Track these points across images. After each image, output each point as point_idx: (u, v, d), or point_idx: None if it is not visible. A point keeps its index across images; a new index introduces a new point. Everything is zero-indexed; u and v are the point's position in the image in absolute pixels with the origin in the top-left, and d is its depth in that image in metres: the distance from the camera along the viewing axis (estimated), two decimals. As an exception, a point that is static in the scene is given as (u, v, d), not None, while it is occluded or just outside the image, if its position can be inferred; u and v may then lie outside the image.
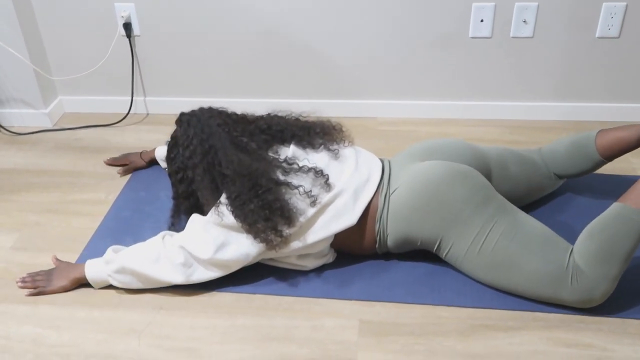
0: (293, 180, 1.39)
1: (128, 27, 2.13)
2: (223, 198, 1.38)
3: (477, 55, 2.10)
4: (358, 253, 1.50)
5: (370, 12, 2.05)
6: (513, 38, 2.05)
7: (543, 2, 1.98)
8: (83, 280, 1.46)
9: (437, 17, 2.04)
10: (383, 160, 1.53)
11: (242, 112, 1.55)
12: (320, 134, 1.52)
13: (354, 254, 1.51)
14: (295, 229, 1.37)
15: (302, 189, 1.38)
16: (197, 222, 1.41)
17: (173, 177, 1.51)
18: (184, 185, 1.48)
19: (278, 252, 1.40)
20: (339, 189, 1.41)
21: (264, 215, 1.33)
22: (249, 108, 1.68)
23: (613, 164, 1.86)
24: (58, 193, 1.85)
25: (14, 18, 2.04)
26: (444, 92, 2.19)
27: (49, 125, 2.25)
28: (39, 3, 2.13)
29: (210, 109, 1.50)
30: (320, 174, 1.41)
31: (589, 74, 2.10)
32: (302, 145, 1.49)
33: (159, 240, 1.42)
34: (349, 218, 1.41)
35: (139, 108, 2.32)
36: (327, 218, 1.40)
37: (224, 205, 1.37)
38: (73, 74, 2.26)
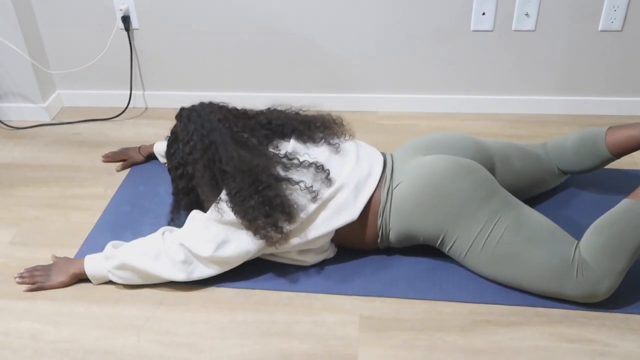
0: (294, 176, 1.38)
1: (127, 20, 2.11)
2: (223, 194, 1.37)
3: (478, 49, 2.08)
4: (359, 248, 1.50)
5: (371, 5, 2.03)
6: (515, 31, 2.04)
7: (545, -5, 1.97)
8: (82, 276, 1.45)
9: (438, 10, 2.02)
10: (385, 154, 1.52)
11: (242, 106, 1.54)
12: (321, 128, 1.51)
13: (355, 249, 1.50)
14: (296, 225, 1.36)
15: (303, 185, 1.37)
16: (197, 219, 1.40)
17: (173, 172, 1.50)
18: (184, 181, 1.47)
19: (278, 248, 1.39)
20: (340, 184, 1.40)
21: (265, 212, 1.32)
22: (249, 102, 1.67)
23: (615, 158, 1.85)
24: (57, 187, 1.84)
25: (12, 11, 2.03)
26: (445, 86, 2.17)
27: (48, 120, 2.24)
28: (37, -4, 2.12)
29: (211, 104, 1.49)
30: (321, 169, 1.40)
31: (591, 68, 2.09)
32: (302, 140, 1.48)
33: (159, 237, 1.41)
34: (350, 213, 1.40)
35: (138, 102, 2.31)
36: (328, 213, 1.39)
37: (224, 202, 1.36)
38: (71, 68, 2.25)
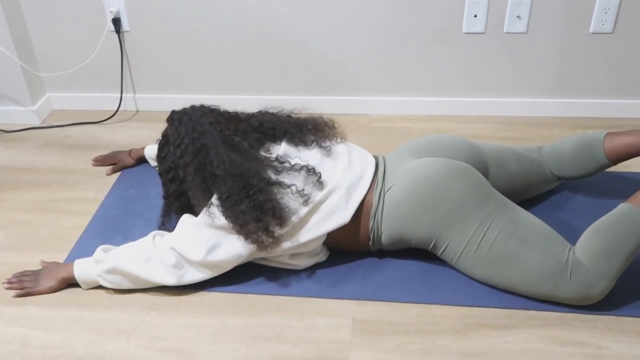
0: (285, 180, 1.37)
1: (117, 22, 2.10)
2: (214, 199, 1.36)
3: (470, 51, 2.08)
4: (351, 250, 1.49)
5: (364, 8, 2.03)
6: (507, 33, 2.04)
7: (537, -3, 1.97)
8: (71, 280, 1.43)
9: (430, 12, 2.02)
10: (377, 157, 1.52)
11: (234, 109, 1.53)
12: (312, 131, 1.50)
13: (347, 251, 1.49)
14: (288, 229, 1.35)
15: (294, 188, 1.36)
16: (188, 223, 1.39)
17: (164, 176, 1.49)
18: (175, 185, 1.46)
19: (270, 252, 1.38)
20: (332, 187, 1.39)
21: (256, 216, 1.31)
22: (240, 105, 1.66)
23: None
24: (47, 191, 1.83)
25: (1, 13, 2.01)
26: (438, 88, 2.17)
27: (37, 123, 2.22)
28: (26, -2, 2.10)
29: (202, 107, 1.48)
30: (313, 172, 1.39)
31: (583, 70, 2.09)
32: (294, 143, 1.47)
33: (150, 241, 1.40)
34: (342, 216, 1.39)
35: (129, 105, 2.30)
36: (320, 216, 1.38)
37: (215, 206, 1.35)
38: (61, 71, 2.23)
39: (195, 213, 1.43)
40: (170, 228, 1.46)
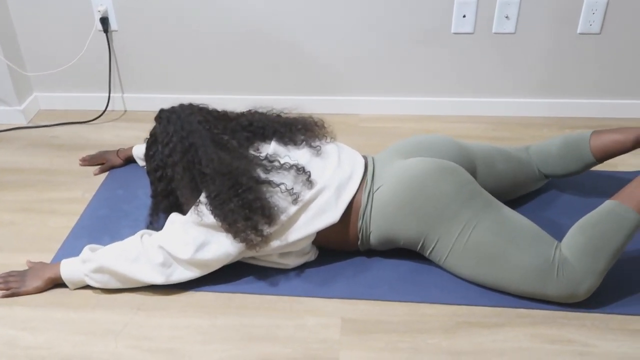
0: (274, 178, 1.37)
1: (105, 21, 2.09)
2: (202, 197, 1.35)
3: (459, 51, 2.09)
4: (339, 249, 1.49)
5: (352, 7, 2.03)
6: (495, 34, 2.05)
7: (525, -3, 1.98)
8: (58, 281, 1.42)
9: (419, 12, 2.02)
10: (367, 157, 1.52)
11: (222, 109, 1.53)
12: (302, 130, 1.50)
13: (336, 251, 1.49)
14: (277, 228, 1.35)
15: (283, 187, 1.36)
16: (176, 222, 1.39)
17: (152, 175, 1.48)
18: (163, 184, 1.45)
19: (259, 251, 1.37)
20: (321, 186, 1.39)
21: (244, 215, 1.31)
22: (230, 105, 1.66)
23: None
24: (33, 191, 1.81)
25: (-13, 12, 2.00)
26: (427, 88, 2.18)
27: (24, 123, 2.20)
28: (13, -3, 2.08)
29: (191, 106, 1.47)
30: (302, 171, 1.39)
31: (571, 70, 2.10)
32: (283, 142, 1.47)
33: (137, 240, 1.39)
34: (332, 215, 1.39)
35: (117, 105, 2.28)
36: (309, 215, 1.37)
37: (204, 205, 1.34)
38: (48, 70, 2.21)
39: (184, 212, 1.42)
40: (158, 227, 1.45)
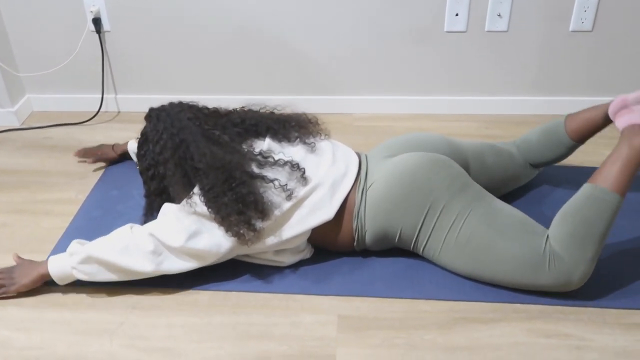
0: (268, 174, 1.36)
1: (98, 22, 2.08)
2: (196, 189, 1.35)
3: (452, 50, 2.10)
4: (335, 250, 1.48)
5: (346, 6, 2.03)
6: (488, 32, 2.05)
7: (517, -5, 1.99)
8: (47, 277, 1.38)
9: (412, 11, 2.03)
10: (360, 155, 1.52)
11: (213, 106, 1.53)
12: (296, 127, 1.50)
13: (332, 251, 1.49)
14: (270, 223, 1.34)
15: (277, 183, 1.35)
16: (169, 210, 1.37)
17: (144, 174, 1.47)
18: (156, 182, 1.45)
19: (251, 246, 1.36)
20: (316, 183, 1.39)
21: (238, 209, 1.30)
22: (223, 105, 1.65)
23: (587, 156, 1.88)
24: (26, 193, 1.80)
25: (-22, 13, 1.99)
26: (420, 87, 2.18)
27: (17, 124, 2.19)
28: (5, -2, 2.07)
29: (181, 104, 1.47)
30: (297, 168, 1.39)
31: (564, 68, 2.11)
32: (277, 139, 1.47)
33: (127, 229, 1.37)
34: (326, 212, 1.38)
35: (110, 106, 2.27)
36: (303, 212, 1.37)
37: (197, 195, 1.33)
38: (41, 71, 2.20)
39: (177, 208, 1.42)
40: (153, 226, 1.44)
